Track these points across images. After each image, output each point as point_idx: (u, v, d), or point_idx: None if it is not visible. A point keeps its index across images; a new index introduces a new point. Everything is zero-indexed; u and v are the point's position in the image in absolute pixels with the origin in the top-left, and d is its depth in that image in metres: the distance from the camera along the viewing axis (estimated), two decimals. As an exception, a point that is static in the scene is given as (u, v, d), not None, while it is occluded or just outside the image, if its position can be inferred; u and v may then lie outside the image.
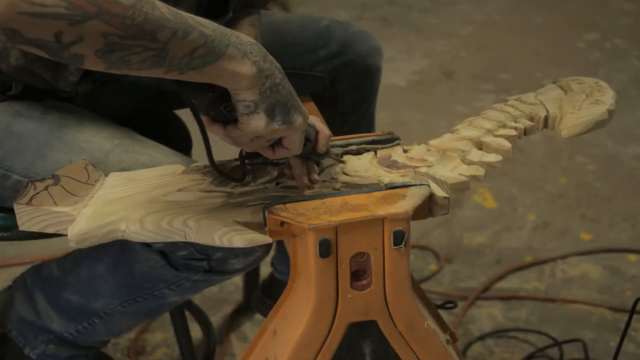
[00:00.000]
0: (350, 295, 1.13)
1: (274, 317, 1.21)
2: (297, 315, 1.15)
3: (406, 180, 1.19)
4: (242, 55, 1.03)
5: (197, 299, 2.14)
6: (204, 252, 1.29)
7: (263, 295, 2.02)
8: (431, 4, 4.21)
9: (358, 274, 1.13)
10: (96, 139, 1.28)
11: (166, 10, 0.97)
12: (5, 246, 2.26)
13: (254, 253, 1.30)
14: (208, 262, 1.30)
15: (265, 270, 2.05)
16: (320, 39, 1.60)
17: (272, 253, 1.94)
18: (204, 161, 1.25)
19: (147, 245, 1.32)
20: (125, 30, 0.94)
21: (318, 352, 1.15)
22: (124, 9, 0.93)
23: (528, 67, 3.48)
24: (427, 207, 1.15)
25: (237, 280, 2.21)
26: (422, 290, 1.28)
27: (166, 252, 1.32)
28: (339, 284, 1.12)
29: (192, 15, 1.00)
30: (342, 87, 1.63)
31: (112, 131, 1.31)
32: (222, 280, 1.37)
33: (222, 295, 2.17)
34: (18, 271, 2.27)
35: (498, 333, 2.04)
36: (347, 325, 1.15)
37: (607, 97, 1.32)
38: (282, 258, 1.89)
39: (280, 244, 1.87)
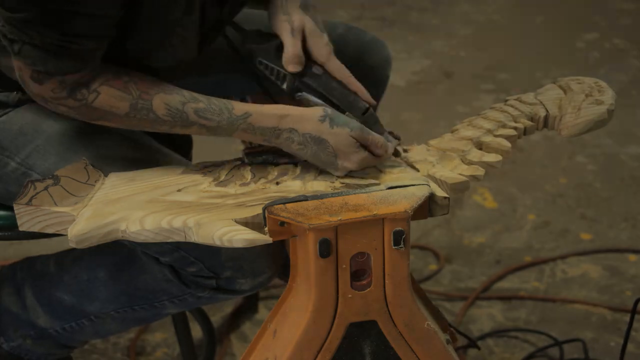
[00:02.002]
0: (350, 295, 1.13)
1: (274, 317, 1.21)
2: (298, 315, 1.15)
3: (406, 180, 1.19)
4: (252, 134, 1.21)
5: (197, 299, 2.14)
6: (213, 270, 1.30)
7: (256, 299, 2.03)
8: (431, 4, 4.21)
9: (358, 274, 1.13)
10: (120, 150, 1.29)
11: (164, 111, 1.18)
12: (5, 246, 2.26)
13: (262, 274, 1.32)
14: (216, 280, 1.31)
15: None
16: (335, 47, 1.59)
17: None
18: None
19: (156, 259, 1.33)
20: (127, 125, 1.21)
21: (318, 352, 1.15)
22: (119, 116, 1.19)
23: (528, 67, 3.48)
24: (427, 207, 1.15)
25: (237, 280, 2.20)
26: (422, 290, 1.27)
27: (176, 267, 1.33)
28: (339, 284, 1.12)
29: (199, 109, 1.19)
30: None
31: (135, 142, 1.32)
32: (227, 299, 1.38)
33: (222, 295, 2.17)
34: (18, 271, 2.27)
35: (498, 333, 2.03)
36: (347, 325, 1.15)
37: (607, 97, 1.32)
38: None
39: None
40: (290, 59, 1.27)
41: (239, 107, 1.20)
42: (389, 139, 1.26)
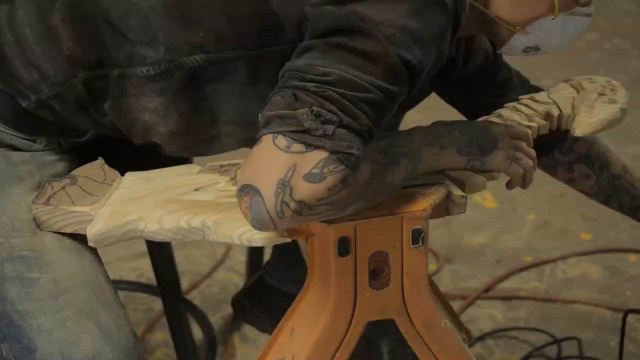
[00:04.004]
0: (368, 294, 1.13)
1: (291, 316, 1.21)
2: (315, 314, 1.15)
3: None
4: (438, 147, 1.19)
5: (197, 299, 2.13)
6: None
7: (245, 298, 1.93)
8: (429, 4, 4.20)
9: (376, 273, 1.13)
10: None
11: (380, 158, 1.06)
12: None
13: None
14: None
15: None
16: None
17: (266, 258, 1.92)
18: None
19: None
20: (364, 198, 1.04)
21: (336, 351, 1.15)
22: (366, 189, 1.03)
23: (528, 67, 3.47)
24: (445, 206, 1.16)
25: (237, 280, 2.20)
26: (439, 288, 1.28)
27: None
28: (357, 283, 1.12)
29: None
30: None
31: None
32: None
33: (222, 295, 2.16)
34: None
35: (498, 333, 2.04)
36: (365, 323, 1.15)
37: (620, 96, 1.33)
38: (281, 266, 1.84)
39: (276, 251, 1.85)
40: None
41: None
42: None
